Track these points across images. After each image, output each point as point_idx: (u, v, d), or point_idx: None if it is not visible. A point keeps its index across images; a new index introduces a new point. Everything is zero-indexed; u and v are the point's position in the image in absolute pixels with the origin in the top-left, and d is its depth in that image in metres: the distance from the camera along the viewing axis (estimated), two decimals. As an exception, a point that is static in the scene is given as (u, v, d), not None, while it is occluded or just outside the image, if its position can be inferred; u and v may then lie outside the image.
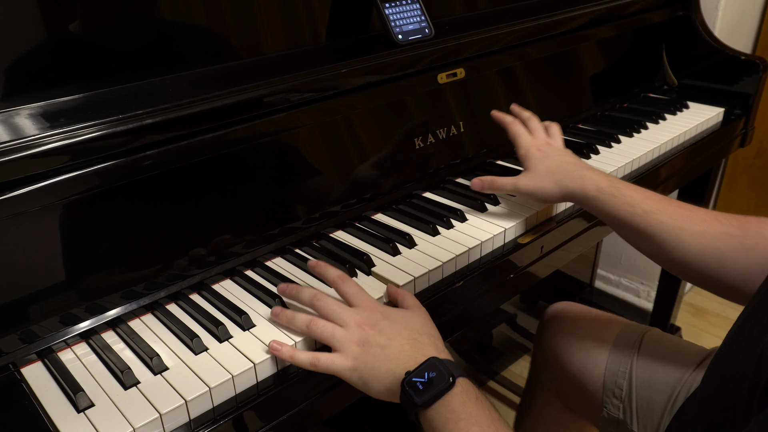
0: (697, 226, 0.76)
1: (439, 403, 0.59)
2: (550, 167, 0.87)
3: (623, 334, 0.95)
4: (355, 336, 0.66)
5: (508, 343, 1.78)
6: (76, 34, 0.71)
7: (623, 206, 0.80)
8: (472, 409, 0.59)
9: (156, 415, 0.59)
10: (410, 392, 0.60)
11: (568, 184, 0.84)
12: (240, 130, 0.77)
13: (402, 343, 0.65)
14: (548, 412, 1.06)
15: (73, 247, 0.68)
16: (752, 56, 1.33)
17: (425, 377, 0.60)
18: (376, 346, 0.65)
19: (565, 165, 0.87)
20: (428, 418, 0.60)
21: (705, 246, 0.75)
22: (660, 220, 0.77)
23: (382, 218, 0.93)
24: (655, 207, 0.78)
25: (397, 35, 0.93)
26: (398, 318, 0.68)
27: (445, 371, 0.60)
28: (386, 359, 0.64)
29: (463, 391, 0.60)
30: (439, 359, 0.62)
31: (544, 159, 0.88)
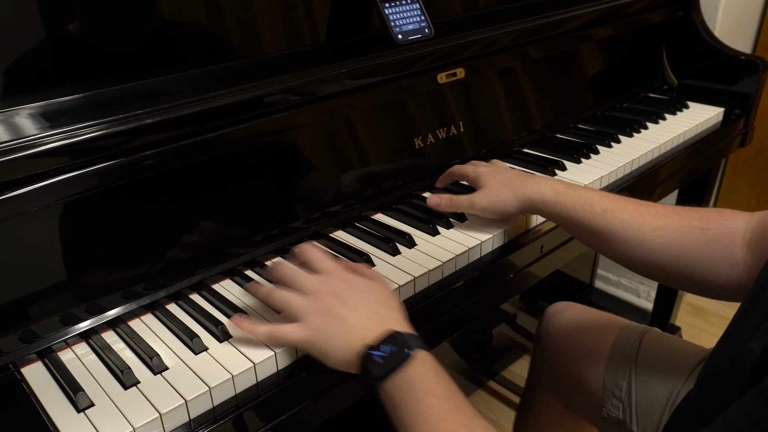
0: (657, 220, 0.75)
1: (396, 375, 0.59)
2: (503, 179, 0.85)
3: (623, 335, 0.95)
4: (315, 304, 0.65)
5: (508, 343, 1.78)
6: (76, 34, 0.71)
7: (582, 207, 0.78)
8: (430, 381, 0.58)
9: (156, 415, 0.59)
10: (369, 365, 0.60)
11: (525, 191, 0.82)
12: (240, 130, 0.77)
13: (364, 316, 0.64)
14: (548, 412, 1.06)
15: (73, 246, 0.68)
16: (752, 56, 1.33)
17: (384, 350, 0.60)
18: (335, 317, 0.64)
19: (517, 176, 0.86)
20: (386, 390, 0.60)
21: (667, 240, 0.74)
22: (620, 218, 0.76)
23: (382, 218, 0.93)
24: (615, 205, 0.77)
25: (397, 35, 0.93)
26: (362, 287, 0.67)
27: (403, 344, 0.60)
28: (346, 332, 0.63)
29: (422, 363, 0.60)
30: (400, 333, 0.62)
31: (496, 174, 0.87)
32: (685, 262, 0.73)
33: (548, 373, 1.03)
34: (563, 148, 1.14)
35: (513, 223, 0.89)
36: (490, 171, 0.88)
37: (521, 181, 0.84)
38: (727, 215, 0.73)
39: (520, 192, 0.83)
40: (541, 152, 1.14)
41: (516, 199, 0.83)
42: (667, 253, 0.74)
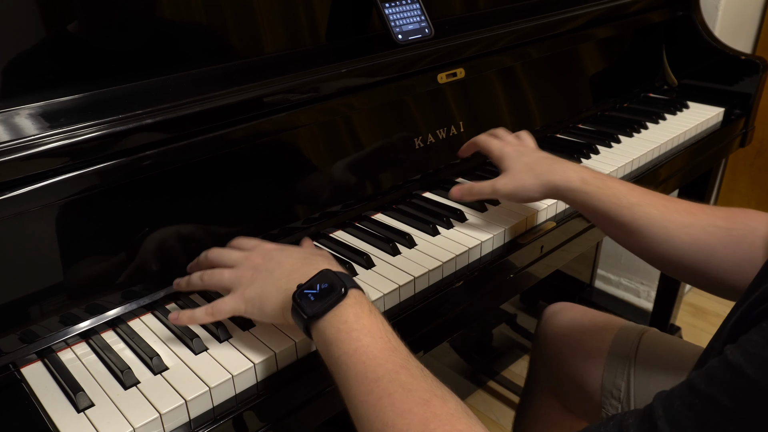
0: (684, 218, 0.74)
1: (330, 313, 0.58)
2: (529, 163, 0.84)
3: (621, 335, 0.94)
4: (245, 268, 0.66)
5: (508, 343, 1.78)
6: (76, 34, 0.71)
7: (609, 198, 0.77)
8: (365, 320, 0.58)
9: (156, 415, 0.59)
10: (301, 304, 0.59)
11: (551, 177, 0.81)
12: (240, 130, 0.77)
13: (292, 263, 0.65)
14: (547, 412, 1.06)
15: (73, 246, 0.68)
16: (752, 56, 1.33)
17: (317, 288, 0.60)
18: (264, 271, 0.65)
19: (544, 160, 0.84)
20: (320, 329, 0.59)
21: (693, 239, 0.73)
22: (647, 213, 0.75)
23: (382, 218, 0.93)
24: (642, 199, 0.76)
25: (397, 35, 0.93)
26: (290, 247, 0.69)
27: (337, 282, 0.60)
28: (276, 279, 0.64)
29: (356, 302, 0.59)
30: (332, 271, 0.61)
31: (521, 156, 0.85)
32: (708, 262, 0.72)
33: (547, 374, 1.03)
34: (563, 148, 1.14)
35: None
36: (515, 152, 0.86)
37: (548, 166, 0.82)
38: (751, 216, 0.73)
39: (546, 178, 0.81)
40: (541, 152, 1.14)
41: (541, 185, 0.82)
42: (691, 252, 0.73)
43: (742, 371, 0.41)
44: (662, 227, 0.74)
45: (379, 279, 0.78)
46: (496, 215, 0.92)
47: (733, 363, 0.42)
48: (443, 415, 0.51)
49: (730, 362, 0.42)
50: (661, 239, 0.74)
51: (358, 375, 0.55)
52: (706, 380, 0.43)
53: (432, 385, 0.53)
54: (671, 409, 0.44)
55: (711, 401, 0.42)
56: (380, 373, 0.54)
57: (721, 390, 0.42)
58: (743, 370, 0.41)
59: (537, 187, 0.82)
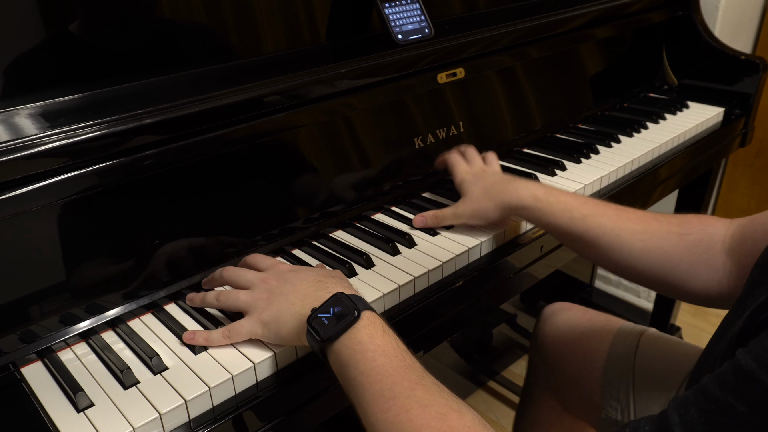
0: (637, 225, 0.76)
1: (345, 336, 0.59)
2: (484, 187, 0.87)
3: (620, 335, 0.94)
4: (260, 291, 0.67)
5: (508, 343, 1.77)
6: (76, 34, 0.71)
7: (561, 212, 0.79)
8: (379, 341, 0.59)
9: (156, 415, 0.59)
10: (316, 328, 0.61)
11: (504, 198, 0.84)
12: (240, 129, 0.77)
13: (306, 287, 0.66)
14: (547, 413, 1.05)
15: (72, 246, 0.68)
16: (752, 56, 1.33)
17: (330, 312, 0.61)
18: (279, 295, 0.66)
19: (498, 182, 0.87)
20: (335, 351, 0.60)
21: (647, 245, 0.75)
22: (599, 223, 0.77)
23: (382, 218, 0.93)
24: (594, 210, 0.78)
25: (396, 35, 0.93)
26: (304, 269, 0.70)
27: (350, 305, 0.61)
28: (291, 304, 0.65)
29: (370, 323, 0.60)
30: (345, 294, 0.63)
31: (478, 182, 0.89)
32: (665, 267, 0.74)
33: (546, 375, 1.03)
34: (563, 148, 1.14)
35: (505, 226, 0.89)
36: (473, 178, 0.90)
37: (502, 187, 0.85)
38: (707, 221, 0.74)
39: (500, 199, 0.84)
40: (541, 152, 1.14)
41: (496, 207, 0.85)
42: (646, 258, 0.75)
43: (757, 377, 0.41)
44: (615, 236, 0.76)
45: (379, 279, 0.78)
46: (496, 215, 0.92)
47: (746, 369, 0.42)
48: (460, 428, 0.51)
49: (743, 368, 0.42)
50: (616, 248, 0.76)
51: (375, 394, 0.56)
52: (720, 386, 0.43)
53: (448, 399, 0.54)
54: (687, 416, 0.44)
55: (726, 407, 0.42)
56: (396, 391, 0.55)
57: (735, 396, 0.42)
58: (757, 376, 0.41)
59: (493, 208, 0.85)
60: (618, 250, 0.76)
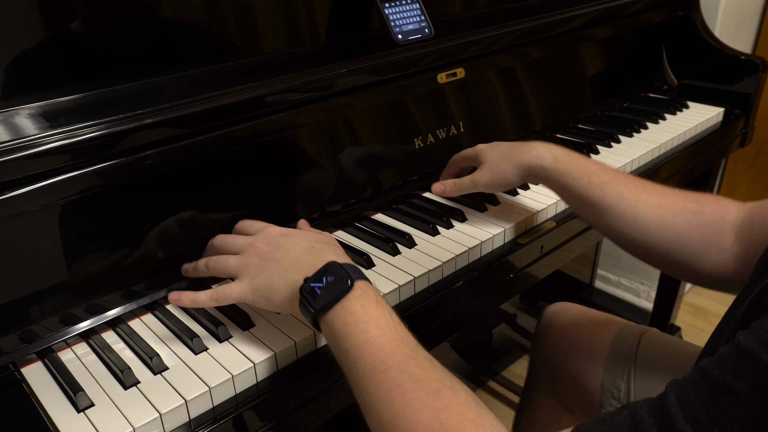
0: (654, 198, 0.75)
1: (338, 306, 0.58)
2: (502, 151, 0.86)
3: (621, 335, 0.94)
4: (251, 256, 0.66)
5: (508, 343, 1.78)
6: (76, 34, 0.71)
7: (580, 175, 0.78)
8: (372, 312, 0.58)
9: (156, 415, 0.59)
10: (308, 297, 0.60)
11: (523, 159, 0.83)
12: (240, 129, 0.77)
13: (299, 253, 0.65)
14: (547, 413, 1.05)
15: (73, 246, 0.68)
16: (752, 56, 1.33)
17: (323, 281, 0.60)
18: (271, 261, 0.65)
19: (516, 145, 0.86)
20: (328, 322, 0.59)
21: (661, 219, 0.74)
22: (617, 192, 0.76)
23: (382, 218, 0.93)
24: (613, 178, 0.77)
25: (397, 35, 0.93)
26: (296, 233, 0.68)
27: (343, 274, 0.60)
28: (283, 270, 0.64)
29: (363, 294, 0.59)
30: (338, 263, 0.61)
31: (495, 147, 0.88)
32: (675, 244, 0.73)
33: (546, 375, 1.03)
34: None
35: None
36: (488, 145, 0.89)
37: (520, 149, 0.84)
38: (722, 202, 0.73)
39: (518, 160, 0.83)
40: (541, 152, 1.13)
41: (515, 168, 0.84)
42: (658, 233, 0.74)
43: (756, 356, 0.41)
44: (631, 206, 0.75)
45: (379, 279, 0.78)
46: (496, 215, 0.92)
47: (746, 348, 0.42)
48: (454, 404, 0.51)
49: (743, 348, 0.42)
50: (630, 219, 0.75)
51: (367, 367, 0.55)
52: (718, 366, 0.43)
53: (442, 375, 0.54)
54: (684, 396, 0.44)
55: (724, 387, 0.42)
56: (389, 364, 0.54)
57: (734, 375, 0.42)
58: (757, 355, 0.41)
59: (512, 170, 0.84)
60: (631, 222, 0.75)
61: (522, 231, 0.92)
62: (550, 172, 0.81)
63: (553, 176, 0.81)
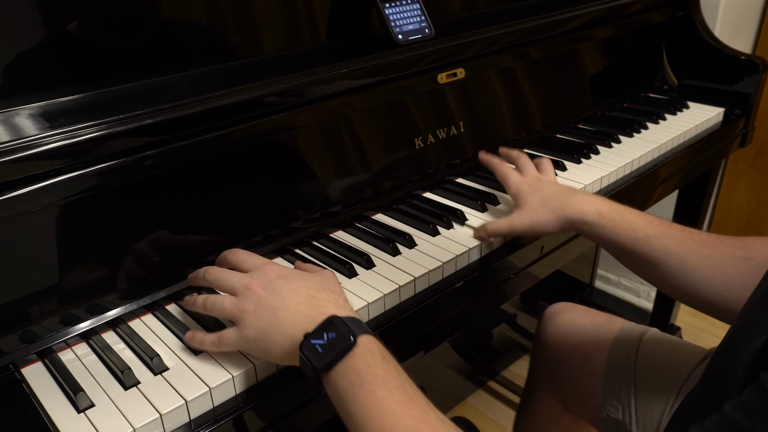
0: (702, 249, 0.73)
1: (341, 365, 0.55)
2: (543, 198, 0.84)
3: (621, 335, 0.94)
4: (246, 301, 0.62)
5: (508, 343, 1.78)
6: (77, 34, 0.71)
7: (626, 231, 0.77)
8: (378, 370, 0.55)
9: (156, 415, 0.59)
10: (309, 356, 0.56)
11: (566, 212, 0.81)
12: (240, 130, 0.77)
13: (298, 303, 0.61)
14: (548, 413, 1.06)
15: (73, 247, 0.68)
16: (752, 56, 1.33)
17: (324, 338, 0.56)
18: (268, 310, 0.61)
19: (559, 194, 0.84)
20: (332, 381, 0.56)
21: (712, 270, 0.72)
22: (664, 245, 0.74)
23: (382, 218, 0.93)
24: (659, 231, 0.75)
25: (397, 35, 0.93)
26: (294, 277, 0.64)
27: (345, 330, 0.56)
28: (281, 323, 0.60)
29: (367, 351, 0.56)
30: (339, 317, 0.58)
31: (536, 192, 0.85)
32: (728, 294, 0.71)
33: (547, 374, 1.03)
34: (563, 148, 1.14)
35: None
36: (530, 188, 0.86)
37: (563, 200, 0.82)
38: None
39: (561, 213, 0.81)
40: (541, 152, 1.14)
41: (557, 221, 0.82)
42: (710, 283, 0.72)
43: None
44: (679, 259, 0.73)
45: (380, 279, 0.78)
46: (496, 215, 0.92)
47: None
48: None
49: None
50: (680, 271, 0.74)
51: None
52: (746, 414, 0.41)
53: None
54: None
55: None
56: (399, 430, 0.51)
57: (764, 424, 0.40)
58: None
59: (553, 222, 0.82)
60: (681, 274, 0.73)
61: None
62: (594, 228, 0.79)
63: (597, 232, 0.79)
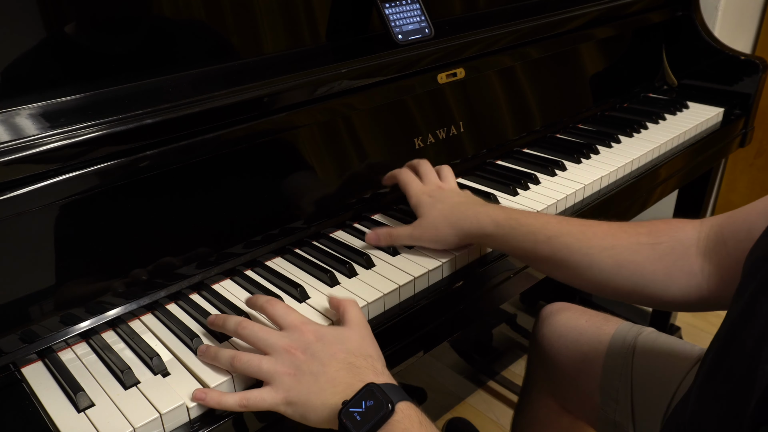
0: (604, 241, 0.72)
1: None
2: (443, 211, 0.82)
3: (619, 334, 0.94)
4: (285, 364, 0.61)
5: (508, 343, 1.78)
6: (77, 34, 0.71)
7: (525, 236, 0.76)
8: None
9: (156, 415, 0.59)
10: (348, 424, 0.56)
11: (464, 225, 0.80)
12: (240, 130, 0.77)
13: (337, 369, 0.61)
14: (545, 413, 1.06)
15: (73, 246, 0.68)
16: (752, 56, 1.33)
17: (362, 406, 0.57)
18: (308, 374, 0.61)
19: (457, 206, 0.82)
20: None
21: (617, 260, 0.71)
22: (566, 244, 0.74)
23: (382, 219, 0.93)
24: (558, 230, 0.75)
25: (397, 35, 0.93)
26: (332, 339, 0.63)
27: (383, 398, 0.57)
28: (320, 389, 0.60)
29: (405, 417, 0.57)
30: (377, 385, 0.58)
31: (436, 204, 0.83)
32: (638, 280, 0.71)
33: (544, 375, 1.03)
34: (563, 148, 1.14)
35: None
36: (429, 199, 0.84)
37: (460, 213, 0.81)
38: (676, 226, 0.71)
39: (459, 226, 0.81)
40: (541, 152, 1.14)
41: (456, 235, 0.81)
42: (618, 273, 0.72)
43: None
44: (584, 255, 0.73)
45: (380, 279, 0.78)
46: (495, 215, 0.92)
47: None
48: None
49: None
50: (586, 267, 0.73)
51: None
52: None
53: None
54: None
55: None
56: None
57: None
58: None
59: (452, 236, 0.81)
60: (588, 269, 0.73)
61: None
62: (494, 239, 0.79)
63: (497, 241, 0.79)
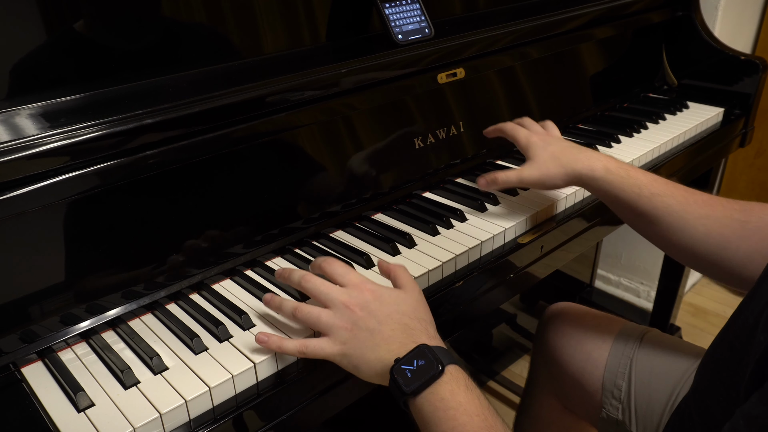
0: (701, 209, 0.76)
1: (428, 391, 0.59)
2: (554, 152, 0.86)
3: (622, 335, 0.95)
4: (344, 318, 0.64)
5: (508, 343, 1.78)
6: (77, 34, 0.71)
7: (631, 188, 0.80)
8: (461, 398, 0.58)
9: (156, 415, 0.59)
10: (399, 380, 0.59)
11: (575, 166, 0.84)
12: (240, 130, 0.77)
13: (392, 328, 0.64)
14: (548, 413, 1.06)
15: (73, 246, 0.68)
16: (752, 56, 1.33)
17: (414, 365, 0.60)
18: (365, 330, 0.64)
19: (569, 149, 0.86)
20: (417, 405, 0.59)
21: (708, 230, 0.75)
22: (666, 203, 0.78)
23: (382, 218, 0.93)
24: (662, 190, 0.79)
25: (397, 35, 0.93)
26: (389, 300, 0.66)
27: (434, 359, 0.60)
28: (375, 345, 0.63)
29: (453, 379, 0.59)
30: (429, 346, 0.61)
31: (547, 146, 0.87)
32: (722, 253, 0.75)
33: (548, 374, 1.04)
34: (563, 148, 1.14)
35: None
36: (541, 141, 0.88)
37: (573, 155, 0.85)
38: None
39: (571, 167, 0.84)
40: (541, 152, 1.14)
41: (566, 174, 0.85)
42: (706, 242, 0.76)
43: None
44: (680, 218, 0.77)
45: (379, 279, 0.78)
46: (496, 215, 0.92)
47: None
48: None
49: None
50: (678, 229, 0.77)
51: None
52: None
53: None
54: None
55: None
56: None
57: None
58: None
59: (562, 175, 0.85)
60: (680, 232, 0.77)
61: (522, 231, 0.92)
62: (601, 183, 0.82)
63: (604, 187, 0.82)
